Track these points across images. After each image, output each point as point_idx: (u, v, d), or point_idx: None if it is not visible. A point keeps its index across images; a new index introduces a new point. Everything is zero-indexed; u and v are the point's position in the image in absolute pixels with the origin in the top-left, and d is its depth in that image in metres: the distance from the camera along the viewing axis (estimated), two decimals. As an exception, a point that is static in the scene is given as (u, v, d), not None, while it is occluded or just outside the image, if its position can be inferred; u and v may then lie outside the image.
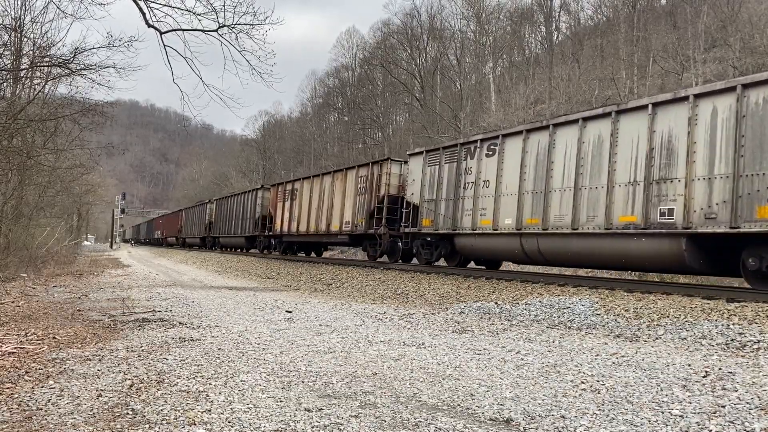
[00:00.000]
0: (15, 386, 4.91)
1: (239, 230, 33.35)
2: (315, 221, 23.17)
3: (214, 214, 39.58)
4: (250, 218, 31.19)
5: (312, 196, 23.81)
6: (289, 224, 25.84)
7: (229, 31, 12.82)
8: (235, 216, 34.21)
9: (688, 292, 10.00)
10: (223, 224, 36.97)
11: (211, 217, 40.34)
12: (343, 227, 20.95)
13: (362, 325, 8.95)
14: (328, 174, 23.27)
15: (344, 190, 21.19)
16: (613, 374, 5.72)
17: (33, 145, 18.85)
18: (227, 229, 35.85)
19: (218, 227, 38.30)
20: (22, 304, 10.74)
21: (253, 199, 30.96)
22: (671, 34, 39.92)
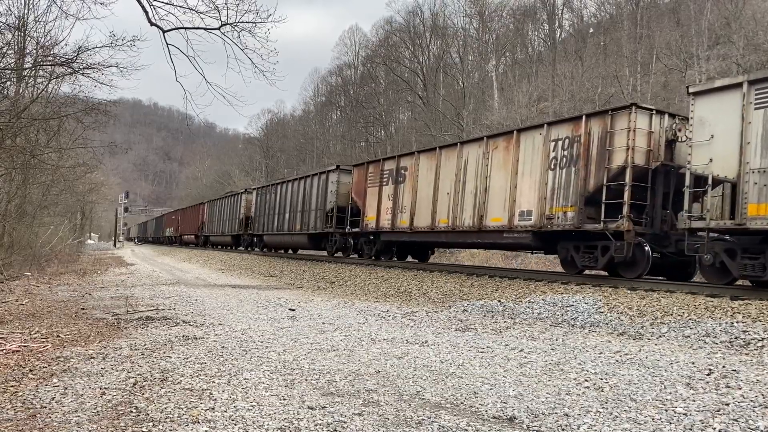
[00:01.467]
0: (19, 384, 4.92)
1: (296, 226, 25.32)
2: (448, 212, 15.57)
3: (255, 207, 31.53)
4: (315, 210, 23.19)
5: (439, 176, 16.12)
6: (392, 217, 18.10)
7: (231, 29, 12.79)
8: (290, 208, 26.28)
9: (692, 290, 9.98)
10: (268, 219, 29.10)
11: (249, 211, 32.79)
12: (516, 221, 13.39)
13: (365, 324, 8.95)
14: (473, 142, 15.52)
15: (516, 164, 13.62)
16: (617, 372, 5.71)
17: (36, 144, 18.87)
18: (277, 225, 27.81)
19: (261, 223, 30.25)
20: (26, 303, 10.76)
21: (322, 186, 22.98)
22: (675, 32, 39.79)
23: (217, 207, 40.22)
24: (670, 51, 37.66)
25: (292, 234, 25.91)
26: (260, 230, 30.30)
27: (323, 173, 23.38)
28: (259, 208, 30.59)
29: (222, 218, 38.49)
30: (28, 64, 16.71)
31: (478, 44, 55.19)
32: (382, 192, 18.84)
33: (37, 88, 19.00)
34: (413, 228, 16.99)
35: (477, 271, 14.78)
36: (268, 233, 29.08)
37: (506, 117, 38.61)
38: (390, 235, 18.72)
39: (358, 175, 20.67)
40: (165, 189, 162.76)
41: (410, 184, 17.39)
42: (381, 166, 19.20)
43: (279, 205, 27.61)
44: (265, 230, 29.30)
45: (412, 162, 17.55)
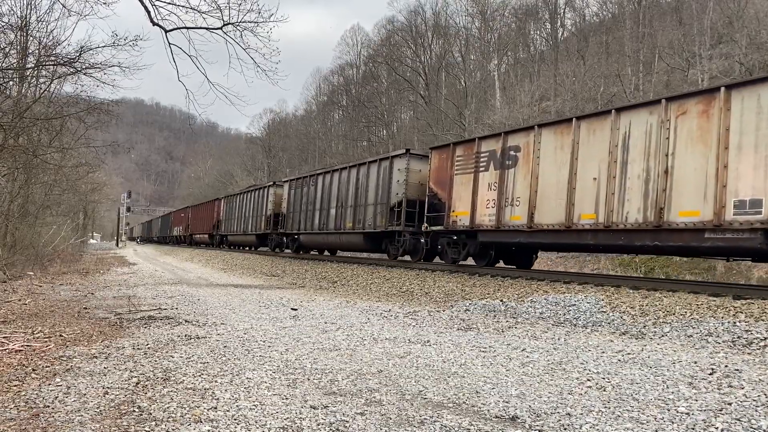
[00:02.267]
0: (22, 384, 4.93)
1: (346, 223, 20.89)
2: (595, 204, 11.74)
3: (288, 202, 26.82)
4: (375, 204, 19.07)
5: (577, 155, 12.28)
6: (496, 211, 14.02)
7: (233, 28, 12.85)
8: (337, 203, 21.76)
9: (695, 289, 9.97)
10: (305, 216, 24.53)
11: (278, 206, 28.35)
12: (730, 214, 9.48)
13: (367, 323, 8.96)
14: (639, 108, 11.37)
15: (725, 135, 9.69)
16: (619, 372, 5.71)
17: (39, 144, 18.92)
18: (317, 223, 23.23)
19: (295, 220, 25.77)
20: (28, 302, 10.78)
21: (384, 175, 18.82)
22: (677, 31, 39.73)
23: (237, 203, 35.59)
24: (672, 50, 37.60)
25: (339, 233, 21.39)
26: (294, 228, 25.67)
27: (385, 159, 19.24)
28: (293, 203, 25.93)
29: (243, 215, 33.86)
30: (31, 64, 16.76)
31: (480, 43, 55.16)
32: (478, 180, 14.74)
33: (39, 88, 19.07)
34: (534, 225, 12.92)
35: (479, 270, 14.77)
36: (304, 232, 24.51)
37: (508, 116, 38.60)
38: (493, 235, 14.44)
39: (439, 160, 16.39)
40: (167, 189, 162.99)
41: (526, 168, 13.38)
42: (475, 148, 14.97)
43: (321, 200, 23.01)
44: (301, 228, 24.68)
45: (527, 140, 13.47)
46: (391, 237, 18.58)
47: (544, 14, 56.31)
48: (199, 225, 46.58)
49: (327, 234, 22.56)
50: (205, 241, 44.31)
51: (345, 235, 21.13)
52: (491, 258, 15.49)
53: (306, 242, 25.43)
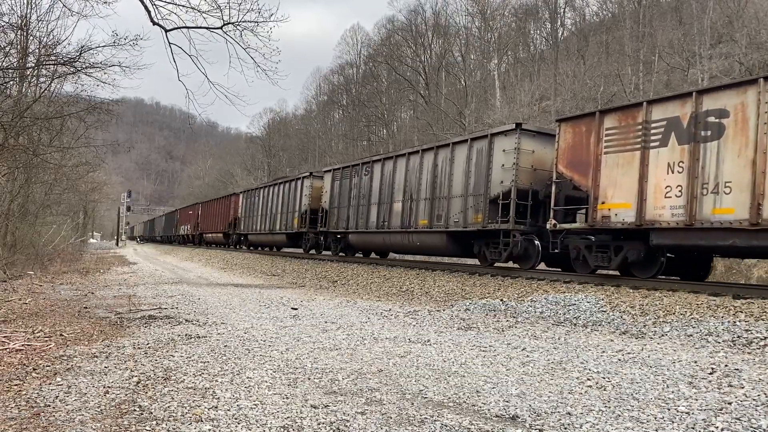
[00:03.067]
0: (23, 383, 4.94)
1: (417, 220, 16.88)
2: None
3: (330, 195, 22.31)
4: (465, 196, 15.08)
5: None
6: (687, 201, 10.18)
7: (233, 28, 12.84)
8: (406, 195, 17.53)
9: (694, 288, 9.97)
10: (357, 211, 20.23)
11: (318, 200, 23.61)
12: None
13: (368, 322, 8.96)
14: None
15: None
16: (619, 371, 5.71)
17: (39, 143, 18.91)
18: (376, 220, 19.02)
19: (343, 217, 21.23)
20: (29, 302, 10.79)
21: (479, 159, 14.80)
22: (677, 30, 39.73)
23: (261, 198, 30.77)
24: (672, 49, 37.61)
25: (408, 232, 17.19)
26: (340, 227, 21.34)
27: (480, 138, 14.85)
28: (337, 197, 21.74)
29: (269, 212, 29.20)
30: (31, 64, 16.76)
31: (480, 43, 55.17)
32: (647, 159, 10.88)
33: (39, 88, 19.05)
34: (762, 221, 9.05)
35: (479, 270, 14.78)
36: (355, 231, 20.35)
37: (508, 116, 38.59)
38: (679, 236, 10.42)
39: (574, 135, 12.48)
40: (167, 188, 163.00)
41: (741, 140, 9.47)
42: (641, 116, 11.06)
43: (380, 191, 18.90)
44: (350, 227, 20.60)
45: (742, 100, 9.57)
46: (489, 237, 14.66)
47: (544, 14, 56.32)
48: (211, 223, 41.74)
49: (388, 233, 18.43)
50: (219, 240, 39.75)
51: (417, 235, 16.98)
52: (661, 267, 11.26)
53: (357, 242, 21.10)
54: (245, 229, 33.41)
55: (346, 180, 21.38)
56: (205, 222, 43.68)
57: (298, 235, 25.90)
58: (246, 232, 33.20)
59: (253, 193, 32.84)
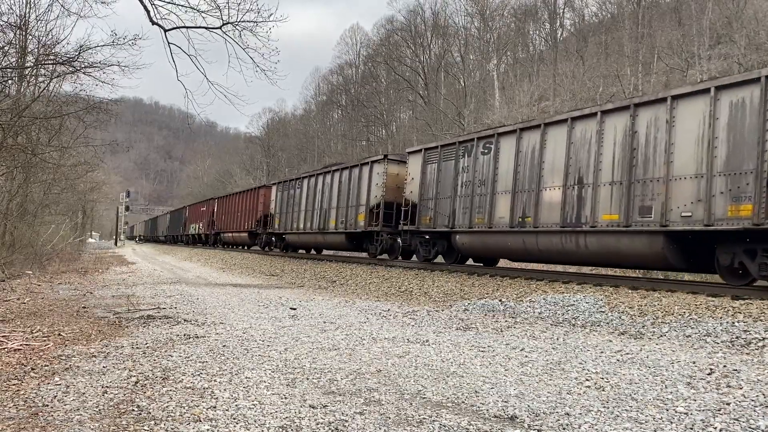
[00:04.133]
0: (21, 383, 4.93)
1: (600, 212, 11.70)
2: None
3: (421, 183, 17.10)
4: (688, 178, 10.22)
5: None
6: None
7: (232, 28, 12.81)
8: (567, 180, 12.51)
9: (693, 289, 9.97)
10: (472, 202, 15.14)
11: (396, 191, 18.84)
12: None
13: (366, 323, 8.96)
14: None
15: None
16: (618, 371, 5.71)
17: (38, 143, 18.90)
18: (510, 214, 13.85)
19: (441, 211, 16.25)
20: (27, 301, 10.78)
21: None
22: (676, 31, 39.78)
23: (306, 189, 24.93)
24: (671, 50, 37.66)
25: (581, 232, 12.02)
26: (440, 224, 16.21)
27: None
28: (435, 186, 16.49)
29: (318, 206, 23.57)
30: (30, 63, 16.74)
31: (479, 43, 55.21)
32: None
33: (38, 87, 19.03)
34: None
35: (477, 270, 14.78)
36: (468, 230, 15.09)
37: (507, 116, 38.61)
38: None
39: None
40: (166, 188, 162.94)
41: None
42: None
43: (518, 176, 13.76)
44: (459, 224, 15.43)
45: None
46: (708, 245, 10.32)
47: (544, 14, 56.41)
48: (231, 220, 35.97)
49: (533, 234, 13.35)
50: (242, 241, 34.55)
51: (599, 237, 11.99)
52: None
53: (468, 246, 15.51)
54: (281, 227, 27.58)
55: (449, 162, 16.08)
56: (224, 219, 37.91)
57: (366, 236, 20.32)
58: (282, 231, 27.57)
59: (292, 185, 26.90)
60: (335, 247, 24.08)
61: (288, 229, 26.65)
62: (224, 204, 38.68)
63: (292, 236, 26.62)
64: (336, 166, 23.41)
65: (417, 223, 17.09)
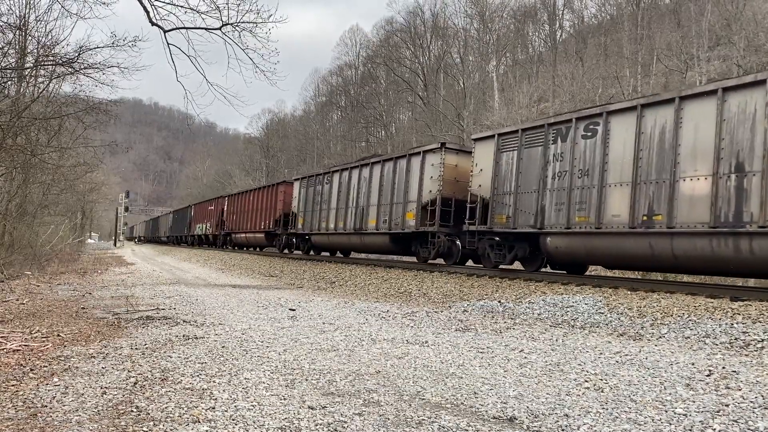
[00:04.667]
0: (20, 383, 4.93)
1: None
2: None
3: (494, 175, 14.46)
4: None
5: None
6: None
7: (232, 29, 12.84)
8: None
9: (692, 290, 9.98)
10: (569, 197, 12.46)
11: (455, 185, 16.26)
12: None
13: (365, 324, 8.96)
14: None
15: None
16: (617, 373, 5.72)
17: (37, 144, 18.90)
18: (632, 209, 11.15)
19: (524, 207, 13.62)
20: (26, 302, 10.77)
21: None
22: (675, 33, 39.82)
23: (337, 185, 22.19)
24: (670, 52, 37.70)
25: (745, 234, 9.57)
26: (524, 223, 13.51)
27: None
28: (513, 177, 13.88)
29: (352, 204, 20.91)
30: (29, 64, 16.76)
31: (478, 45, 55.27)
32: None
33: (38, 88, 19.05)
34: None
35: (477, 271, 14.78)
36: (564, 231, 12.46)
37: (507, 117, 38.64)
38: None
39: None
40: (165, 188, 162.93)
41: None
42: None
43: (650, 163, 11.09)
44: (551, 223, 12.77)
45: None
46: None
47: (543, 16, 56.45)
48: (245, 220, 33.07)
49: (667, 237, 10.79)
50: (258, 242, 31.98)
51: None
52: None
53: (566, 251, 12.74)
54: (306, 227, 24.71)
55: (533, 149, 13.50)
56: (235, 219, 35.18)
57: (416, 237, 17.69)
58: (307, 232, 24.78)
59: (319, 180, 23.92)
60: (375, 249, 21.08)
61: (314, 230, 23.85)
62: (236, 202, 35.62)
63: (320, 237, 23.89)
64: (376, 158, 20.65)
65: (489, 222, 14.45)
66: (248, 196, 33.58)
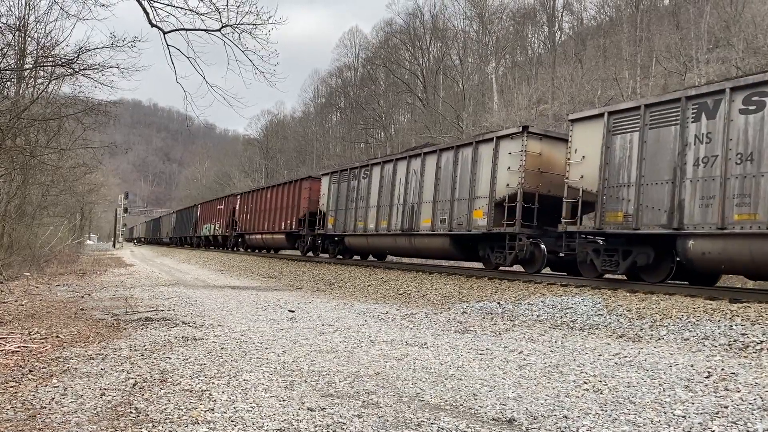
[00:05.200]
0: (19, 385, 4.93)
1: None
2: None
3: (603, 163, 11.70)
4: None
5: None
6: None
7: (232, 30, 12.84)
8: None
9: (691, 292, 9.98)
10: (706, 186, 9.91)
11: (538, 178, 13.76)
12: None
13: (365, 325, 8.96)
14: None
15: None
16: (616, 374, 5.72)
17: (36, 145, 18.90)
18: None
19: (651, 202, 10.83)
20: (25, 303, 10.76)
21: None
22: (674, 34, 39.87)
23: (376, 180, 19.73)
24: (669, 54, 37.75)
25: None
26: (662, 223, 10.61)
27: None
28: (638, 166, 11.16)
29: (398, 202, 18.30)
30: (29, 65, 16.76)
31: (477, 46, 55.33)
32: None
33: (37, 89, 19.03)
34: None
35: (476, 272, 14.78)
36: (716, 232, 9.75)
37: (506, 119, 38.67)
38: None
39: None
40: (165, 190, 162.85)
41: None
42: None
43: None
44: (683, 222, 10.31)
45: None
46: None
47: (542, 17, 56.50)
48: (261, 220, 29.90)
49: None
50: (278, 244, 28.99)
51: None
52: None
53: (719, 259, 9.95)
54: (339, 228, 21.90)
55: (664, 129, 10.74)
56: (249, 219, 31.97)
57: (486, 239, 15.12)
58: (340, 232, 21.94)
59: (354, 174, 21.27)
60: (431, 254, 18.47)
61: (349, 230, 21.20)
62: (251, 200, 32.05)
63: (356, 239, 21.17)
64: (429, 147, 17.80)
65: (598, 222, 11.77)
66: (266, 193, 30.11)
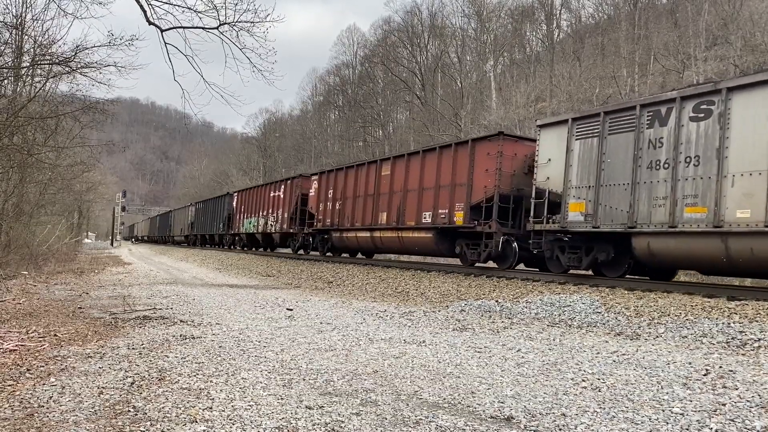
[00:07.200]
0: (17, 384, 4.92)
1: None
2: None
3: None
4: None
5: None
6: None
7: (229, 28, 12.81)
8: None
9: (689, 290, 10.00)
10: None
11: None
12: None
13: (363, 323, 8.96)
14: None
15: None
16: (614, 372, 5.72)
17: (34, 143, 18.84)
18: None
19: None
20: (23, 302, 10.74)
21: None
22: (672, 32, 39.88)
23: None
24: (667, 51, 37.77)
25: None
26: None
27: None
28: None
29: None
30: (26, 63, 16.71)
31: (476, 44, 55.31)
32: None
33: (34, 87, 18.97)
34: None
35: (474, 271, 14.78)
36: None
37: (504, 117, 38.67)
38: None
39: None
40: (162, 188, 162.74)
41: None
42: None
43: None
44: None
45: None
46: None
47: (540, 15, 56.43)
48: (364, 211, 19.77)
49: None
50: (425, 245, 17.44)
51: None
52: None
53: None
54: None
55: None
56: (341, 210, 21.36)
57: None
58: None
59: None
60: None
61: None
62: (339, 182, 22.03)
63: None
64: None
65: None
66: (337, 174, 22.40)
